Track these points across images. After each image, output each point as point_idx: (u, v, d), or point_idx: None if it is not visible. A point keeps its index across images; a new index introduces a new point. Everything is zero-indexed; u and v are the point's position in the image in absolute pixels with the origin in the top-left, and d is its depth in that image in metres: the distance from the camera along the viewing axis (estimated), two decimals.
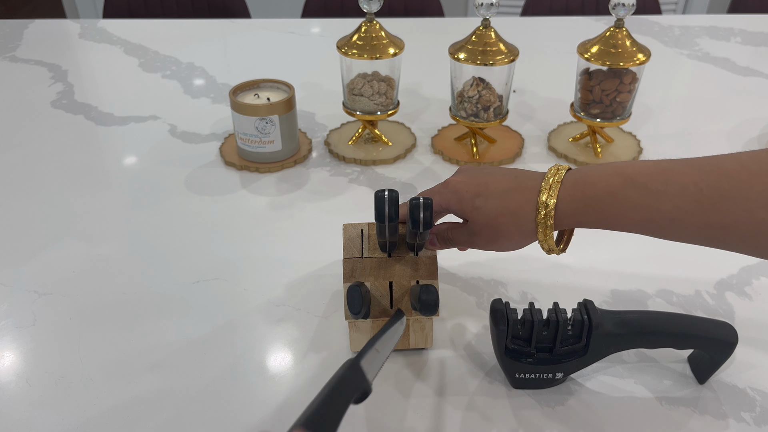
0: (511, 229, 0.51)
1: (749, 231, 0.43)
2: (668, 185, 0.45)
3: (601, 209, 0.48)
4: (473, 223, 0.53)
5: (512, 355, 0.53)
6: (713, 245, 0.46)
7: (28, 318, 0.63)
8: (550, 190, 0.49)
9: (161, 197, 0.81)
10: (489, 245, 0.54)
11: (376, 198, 0.48)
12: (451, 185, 0.54)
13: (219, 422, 0.52)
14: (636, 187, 0.46)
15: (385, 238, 0.52)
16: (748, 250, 0.45)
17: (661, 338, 0.52)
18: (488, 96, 0.84)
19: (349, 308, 0.50)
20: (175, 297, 0.65)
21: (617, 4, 0.78)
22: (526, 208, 0.50)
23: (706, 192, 0.43)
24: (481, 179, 0.53)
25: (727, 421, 0.52)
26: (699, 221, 0.44)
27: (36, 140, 0.94)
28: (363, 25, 0.83)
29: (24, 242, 0.73)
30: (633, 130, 0.97)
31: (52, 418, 0.52)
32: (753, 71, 1.19)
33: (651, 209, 0.45)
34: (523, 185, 0.51)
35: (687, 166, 0.45)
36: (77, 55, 1.25)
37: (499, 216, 0.51)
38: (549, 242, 0.51)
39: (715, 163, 0.44)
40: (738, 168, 0.43)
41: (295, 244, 0.73)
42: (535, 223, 0.50)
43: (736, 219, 0.43)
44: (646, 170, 0.47)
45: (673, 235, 0.47)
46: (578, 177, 0.49)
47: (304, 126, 0.98)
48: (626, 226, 0.48)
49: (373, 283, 0.54)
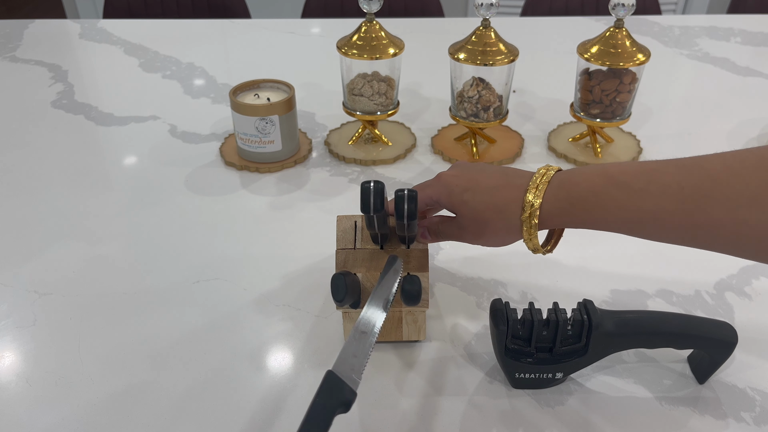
0: (497, 225, 0.52)
1: (731, 231, 0.42)
2: (650, 184, 0.45)
3: (585, 209, 0.48)
4: (461, 217, 0.54)
5: (512, 355, 0.53)
6: (698, 245, 0.46)
7: (28, 318, 0.63)
8: (536, 190, 0.50)
9: (161, 197, 0.81)
10: (476, 240, 0.55)
11: (362, 189, 0.49)
12: (443, 179, 0.55)
13: (219, 422, 0.52)
14: (619, 186, 0.46)
15: (374, 229, 0.52)
16: (732, 251, 0.44)
17: (661, 338, 0.52)
18: (488, 96, 0.84)
19: (333, 295, 0.51)
20: (175, 297, 0.65)
21: (617, 5, 0.78)
22: (512, 206, 0.51)
23: (688, 191, 0.43)
24: (471, 174, 0.54)
25: (727, 421, 0.52)
26: (681, 221, 0.44)
27: (36, 140, 0.94)
28: (363, 25, 0.83)
29: (24, 242, 0.73)
30: (633, 131, 0.97)
31: (52, 418, 0.52)
32: (753, 71, 1.19)
33: (634, 209, 0.46)
34: (512, 183, 0.51)
35: (670, 166, 0.45)
36: (77, 56, 1.25)
37: (486, 211, 0.52)
38: (533, 241, 0.51)
39: (698, 162, 0.44)
40: (720, 167, 0.43)
41: (295, 244, 0.73)
42: (520, 221, 0.50)
43: (718, 219, 0.42)
44: (629, 170, 0.47)
45: (657, 235, 0.47)
46: (564, 177, 0.50)
47: (304, 126, 0.98)
48: (610, 226, 0.48)
49: (365, 274, 0.55)
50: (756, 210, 0.41)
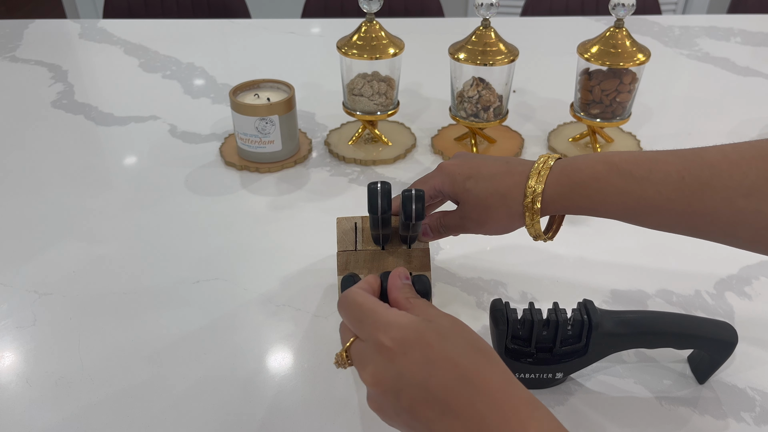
0: (500, 212, 0.52)
1: (729, 220, 0.44)
2: (652, 173, 0.46)
3: (587, 195, 0.49)
4: (464, 205, 0.54)
5: (512, 355, 0.53)
6: (695, 234, 0.47)
7: (28, 318, 0.63)
8: (538, 176, 0.50)
9: (161, 197, 0.81)
10: (479, 228, 0.55)
11: (369, 190, 0.49)
12: (445, 168, 0.55)
13: (219, 422, 0.52)
14: (621, 173, 0.47)
15: (378, 230, 0.52)
16: (729, 240, 0.46)
17: (661, 338, 0.52)
18: (488, 96, 0.84)
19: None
20: (175, 297, 0.65)
21: (617, 5, 0.78)
22: (515, 192, 0.51)
23: (688, 180, 0.45)
24: (473, 163, 0.54)
25: (727, 421, 0.52)
26: (681, 209, 0.45)
27: (36, 140, 0.94)
28: (363, 25, 0.83)
29: (24, 242, 0.73)
30: (633, 130, 0.97)
31: (52, 418, 0.52)
32: (753, 71, 1.19)
33: (635, 196, 0.47)
34: (513, 170, 0.52)
35: (671, 155, 0.47)
36: (77, 55, 1.25)
37: (489, 197, 0.52)
38: (536, 227, 0.52)
39: (698, 153, 0.46)
40: (720, 158, 0.44)
41: (295, 244, 0.73)
42: (523, 207, 0.51)
43: (716, 207, 0.44)
44: (631, 158, 0.48)
45: (656, 222, 0.48)
46: (566, 164, 0.51)
47: (304, 126, 0.98)
48: (610, 212, 0.49)
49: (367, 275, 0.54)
50: (753, 200, 0.43)
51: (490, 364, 0.38)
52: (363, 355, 0.40)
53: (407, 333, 0.38)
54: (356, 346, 0.41)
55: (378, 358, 0.38)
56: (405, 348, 0.37)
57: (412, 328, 0.38)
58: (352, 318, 0.42)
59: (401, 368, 0.37)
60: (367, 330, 0.40)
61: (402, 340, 0.38)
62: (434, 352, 0.37)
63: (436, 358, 0.37)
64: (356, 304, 0.41)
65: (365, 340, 0.40)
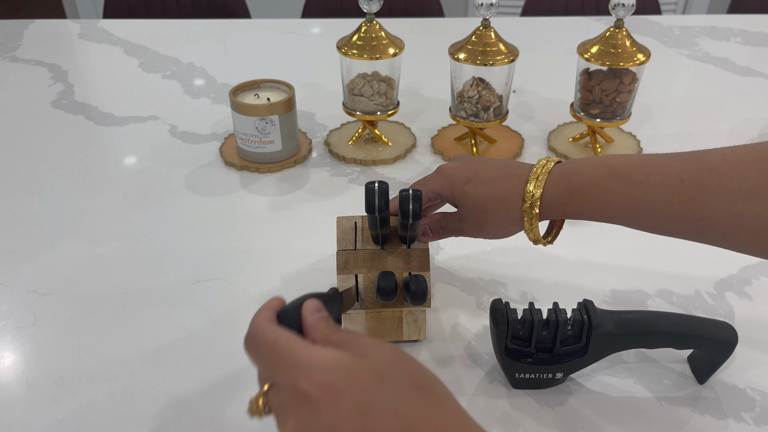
0: (498, 216, 0.52)
1: (728, 224, 0.43)
2: (651, 177, 0.46)
3: (586, 199, 0.49)
4: (462, 209, 0.54)
5: (512, 355, 0.53)
6: (694, 238, 0.47)
7: (28, 318, 0.63)
8: (537, 180, 0.50)
9: (161, 197, 0.81)
10: (477, 232, 0.55)
11: (366, 189, 0.49)
12: (444, 171, 0.55)
13: (219, 422, 0.52)
14: (620, 177, 0.47)
15: (377, 229, 0.52)
16: (727, 244, 0.45)
17: (661, 338, 0.52)
18: (488, 96, 0.84)
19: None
20: (175, 297, 0.65)
21: (617, 5, 0.78)
22: (513, 197, 0.51)
23: (688, 184, 0.44)
24: (472, 166, 0.54)
25: (727, 421, 0.52)
26: (680, 213, 0.45)
27: (36, 140, 0.94)
28: (363, 25, 0.83)
29: (24, 242, 0.73)
30: (633, 131, 0.97)
31: (52, 418, 0.52)
32: (753, 71, 1.19)
33: (634, 200, 0.46)
34: (512, 174, 0.52)
35: (671, 159, 0.47)
36: (77, 56, 1.25)
37: (487, 201, 0.52)
38: (535, 232, 0.52)
39: (698, 156, 0.46)
40: (719, 161, 0.44)
41: (295, 244, 0.73)
42: (521, 211, 0.51)
43: (716, 211, 0.43)
44: (630, 162, 0.48)
45: (656, 226, 0.47)
46: (564, 168, 0.50)
47: (304, 126, 0.98)
48: (609, 216, 0.49)
49: (366, 274, 0.55)
50: (752, 203, 0.42)
51: (439, 406, 0.32)
52: (281, 406, 0.33)
53: (334, 376, 0.31)
54: (274, 394, 0.34)
55: (300, 410, 0.31)
56: (333, 396, 0.31)
57: (340, 369, 0.31)
58: (264, 361, 0.34)
59: (330, 422, 0.30)
60: (284, 376, 0.32)
61: (328, 386, 0.31)
62: (370, 398, 0.31)
63: (373, 406, 0.30)
64: (267, 344, 0.34)
65: (283, 388, 0.33)
